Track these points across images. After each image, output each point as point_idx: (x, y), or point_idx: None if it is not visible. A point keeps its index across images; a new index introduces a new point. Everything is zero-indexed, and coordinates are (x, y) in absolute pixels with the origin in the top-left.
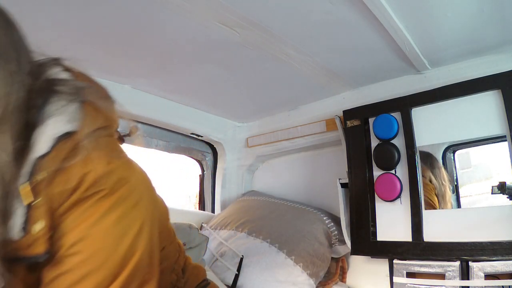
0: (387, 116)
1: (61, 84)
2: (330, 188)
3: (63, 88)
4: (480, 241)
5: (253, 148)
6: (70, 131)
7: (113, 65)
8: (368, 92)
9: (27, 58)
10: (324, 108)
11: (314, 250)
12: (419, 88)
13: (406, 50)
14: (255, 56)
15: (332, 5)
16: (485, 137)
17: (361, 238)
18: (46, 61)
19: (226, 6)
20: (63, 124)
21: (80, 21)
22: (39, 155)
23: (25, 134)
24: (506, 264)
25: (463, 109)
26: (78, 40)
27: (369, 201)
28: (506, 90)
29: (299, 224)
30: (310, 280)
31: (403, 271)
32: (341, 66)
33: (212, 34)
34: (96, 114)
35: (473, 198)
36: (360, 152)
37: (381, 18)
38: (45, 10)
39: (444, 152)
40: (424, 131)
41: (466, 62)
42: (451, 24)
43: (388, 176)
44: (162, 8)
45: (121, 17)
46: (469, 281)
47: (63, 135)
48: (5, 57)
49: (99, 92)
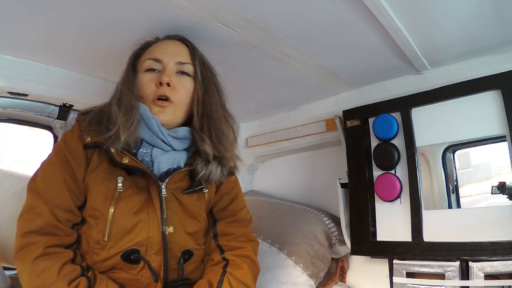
0: (387, 116)
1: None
2: (330, 188)
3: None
4: (480, 241)
5: (253, 148)
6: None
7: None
8: (368, 92)
9: None
10: (324, 108)
11: (314, 250)
12: (419, 88)
13: (406, 50)
14: (255, 56)
15: (332, 5)
16: (485, 137)
17: (361, 238)
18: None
19: (226, 6)
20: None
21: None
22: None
23: None
24: (506, 264)
25: (463, 109)
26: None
27: (369, 201)
28: (506, 90)
29: (299, 224)
30: (310, 281)
31: (403, 271)
32: (341, 66)
33: (212, 34)
34: None
35: (473, 198)
36: (360, 152)
37: (381, 18)
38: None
39: (444, 152)
40: (424, 131)
41: (466, 62)
42: (451, 24)
43: (388, 176)
44: (162, 8)
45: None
46: (469, 281)
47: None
48: None
49: None
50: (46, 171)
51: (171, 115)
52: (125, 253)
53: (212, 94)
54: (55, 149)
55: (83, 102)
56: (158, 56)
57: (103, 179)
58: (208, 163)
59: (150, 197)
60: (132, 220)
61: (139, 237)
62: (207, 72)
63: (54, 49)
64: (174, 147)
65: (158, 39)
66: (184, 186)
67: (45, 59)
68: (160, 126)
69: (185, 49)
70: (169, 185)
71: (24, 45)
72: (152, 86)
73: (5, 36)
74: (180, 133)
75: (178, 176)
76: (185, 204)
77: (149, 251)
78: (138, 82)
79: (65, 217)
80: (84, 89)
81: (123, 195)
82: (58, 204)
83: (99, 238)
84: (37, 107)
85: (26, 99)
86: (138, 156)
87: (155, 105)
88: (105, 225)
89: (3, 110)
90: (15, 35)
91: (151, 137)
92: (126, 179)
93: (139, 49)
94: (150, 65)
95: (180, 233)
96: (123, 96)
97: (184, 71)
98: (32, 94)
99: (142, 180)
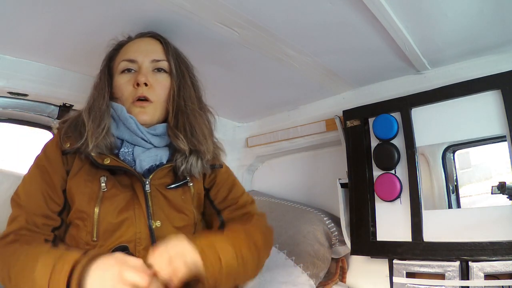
0: (387, 116)
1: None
2: (330, 188)
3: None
4: (480, 241)
5: (253, 148)
6: None
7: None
8: (368, 92)
9: None
10: (324, 108)
11: (314, 251)
12: (419, 88)
13: (406, 50)
14: (255, 56)
15: (332, 5)
16: (485, 137)
17: (361, 238)
18: None
19: (226, 6)
20: None
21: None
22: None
23: None
24: (506, 264)
25: (463, 109)
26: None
27: (369, 201)
28: (506, 90)
29: (300, 224)
30: (311, 281)
31: (403, 271)
32: (341, 66)
33: (212, 34)
34: None
35: (473, 198)
36: (360, 152)
37: (381, 18)
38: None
39: (444, 152)
40: (424, 131)
41: (466, 62)
42: (451, 24)
43: (388, 176)
44: (163, 8)
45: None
46: (469, 281)
47: None
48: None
49: None
50: (26, 182)
51: (151, 115)
52: (114, 250)
53: (187, 88)
54: (35, 159)
55: (83, 102)
56: (132, 56)
57: (86, 181)
58: (188, 157)
59: (135, 194)
60: (118, 218)
61: (127, 233)
62: (182, 66)
63: (54, 49)
64: (155, 144)
65: (130, 38)
66: (168, 182)
67: (45, 59)
68: (138, 125)
69: (158, 45)
70: (153, 181)
71: (24, 45)
72: (130, 87)
73: (5, 36)
74: (159, 130)
75: (161, 173)
76: (170, 199)
77: (138, 246)
78: (115, 85)
79: (42, 222)
80: (84, 89)
81: (107, 194)
82: (34, 211)
83: (88, 239)
84: (37, 107)
85: (26, 99)
86: (120, 156)
87: (135, 106)
88: (92, 225)
89: (3, 110)
90: (15, 35)
91: (131, 136)
92: (110, 178)
93: (112, 50)
94: (125, 66)
95: (167, 227)
96: (94, 102)
97: (160, 67)
98: (32, 94)
99: (126, 178)
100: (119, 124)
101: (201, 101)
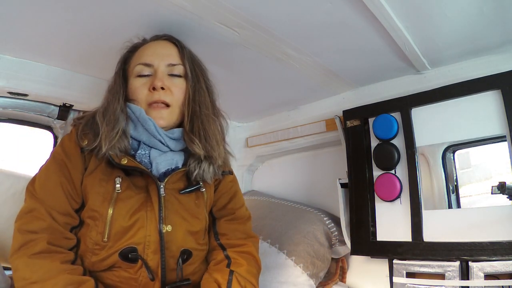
0: (387, 116)
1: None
2: (330, 188)
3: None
4: (480, 241)
5: (253, 148)
6: None
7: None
8: (368, 92)
9: None
10: (324, 108)
11: (314, 250)
12: (419, 88)
13: (406, 50)
14: (255, 56)
15: (332, 5)
16: (485, 137)
17: (361, 238)
18: None
19: (226, 6)
20: None
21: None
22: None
23: None
24: (506, 264)
25: (463, 109)
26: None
27: (369, 201)
28: (506, 90)
29: (300, 224)
30: (310, 281)
31: (403, 271)
32: (341, 66)
33: (212, 34)
34: None
35: (473, 198)
36: (360, 152)
37: (381, 18)
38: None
39: (444, 152)
40: (424, 131)
41: (466, 62)
42: (451, 24)
43: (388, 176)
44: (163, 8)
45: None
46: (469, 281)
47: None
48: None
49: None
50: (44, 175)
51: (168, 119)
52: (123, 251)
53: (201, 93)
54: (52, 153)
55: (83, 102)
56: (148, 60)
57: (101, 181)
58: (200, 162)
59: (148, 196)
60: (130, 220)
61: (137, 235)
62: (197, 70)
63: (54, 49)
64: (171, 147)
65: (145, 41)
66: (182, 186)
67: (45, 59)
68: (157, 127)
69: (174, 49)
70: (167, 185)
71: (24, 45)
72: (145, 91)
73: (5, 36)
74: (176, 134)
75: (176, 177)
76: (184, 203)
77: (147, 249)
78: (130, 88)
79: (63, 221)
80: (84, 89)
81: (121, 196)
82: (54, 207)
83: (98, 239)
84: (37, 107)
85: (26, 99)
86: (137, 158)
87: (151, 109)
88: (104, 226)
89: (3, 110)
90: (15, 35)
91: (149, 138)
92: (124, 179)
93: (127, 52)
94: (141, 70)
95: (178, 232)
96: (109, 105)
97: (175, 73)
98: (32, 94)
99: (141, 180)
100: (137, 126)
101: (214, 106)
